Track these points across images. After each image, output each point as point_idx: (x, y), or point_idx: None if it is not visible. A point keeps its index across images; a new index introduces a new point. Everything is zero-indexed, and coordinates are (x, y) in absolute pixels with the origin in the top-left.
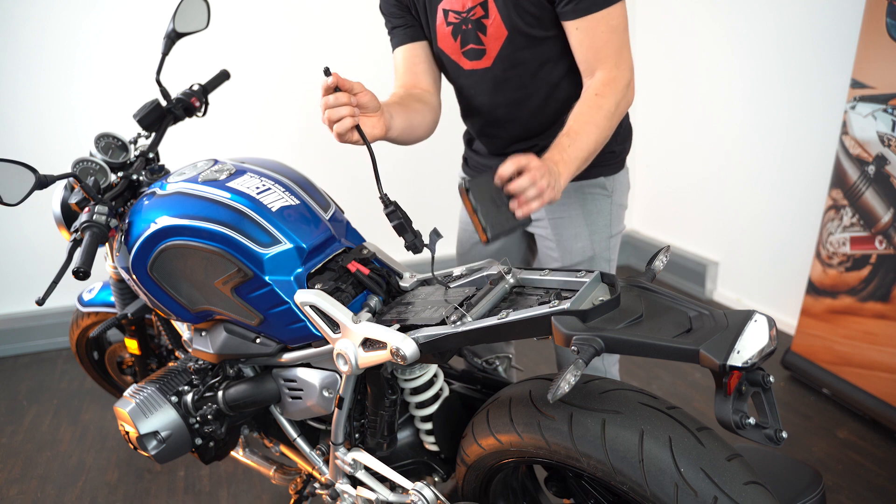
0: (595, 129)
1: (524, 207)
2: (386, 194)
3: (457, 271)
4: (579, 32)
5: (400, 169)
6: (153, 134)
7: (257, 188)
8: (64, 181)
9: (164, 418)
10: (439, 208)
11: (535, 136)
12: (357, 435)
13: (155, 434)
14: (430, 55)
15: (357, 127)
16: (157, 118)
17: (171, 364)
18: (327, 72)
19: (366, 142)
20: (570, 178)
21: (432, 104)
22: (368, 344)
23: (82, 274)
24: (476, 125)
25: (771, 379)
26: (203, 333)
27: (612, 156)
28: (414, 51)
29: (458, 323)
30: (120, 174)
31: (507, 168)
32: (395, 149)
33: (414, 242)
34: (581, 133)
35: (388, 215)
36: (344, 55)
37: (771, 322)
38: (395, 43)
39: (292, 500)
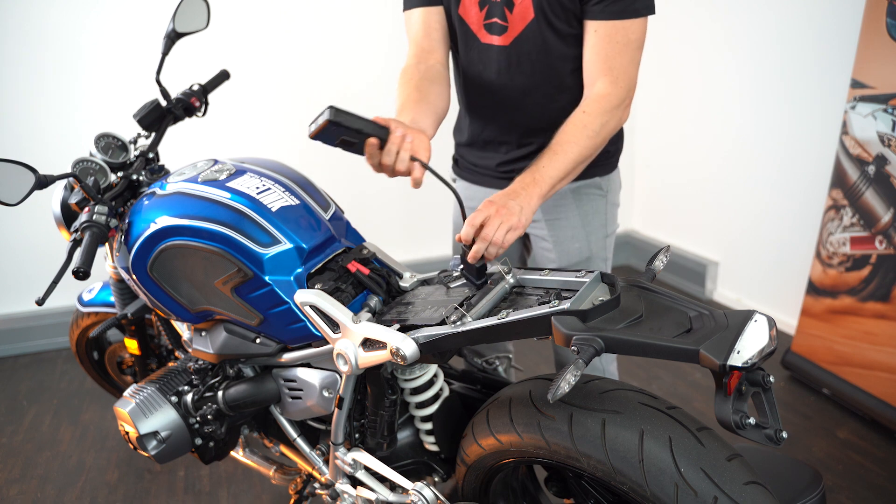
0: (576, 147)
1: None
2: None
3: (457, 272)
4: (596, 35)
5: None
6: (153, 134)
7: (257, 188)
8: (64, 181)
9: (164, 418)
10: (435, 208)
11: (530, 134)
12: (357, 435)
13: (155, 434)
14: (445, 22)
15: (425, 166)
16: (157, 118)
17: (171, 364)
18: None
19: (430, 170)
20: (543, 197)
21: (445, 78)
22: (368, 344)
23: (82, 274)
24: (476, 104)
25: (771, 379)
26: (203, 333)
27: (606, 156)
28: (431, 16)
29: (458, 323)
30: (120, 174)
31: (466, 232)
32: None
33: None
34: (560, 153)
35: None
36: (345, 54)
37: (771, 322)
38: (412, 3)
39: (292, 500)
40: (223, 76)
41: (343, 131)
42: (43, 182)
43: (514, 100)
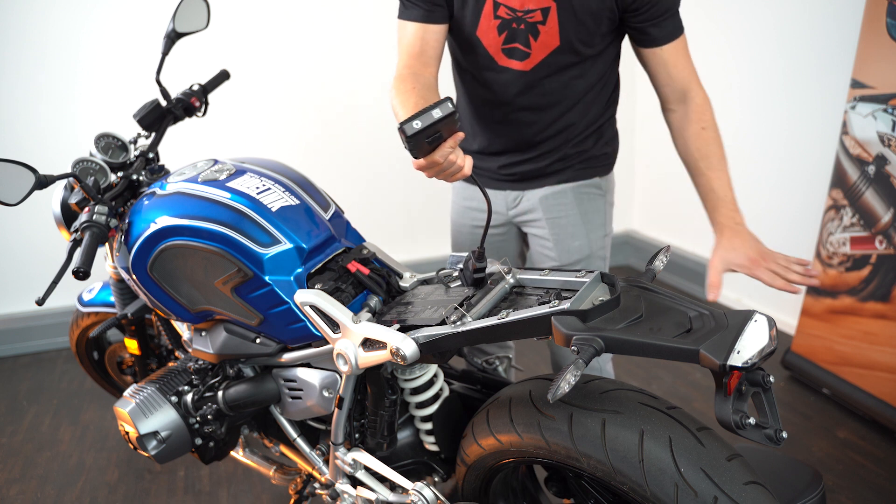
0: (724, 158)
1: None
2: (484, 248)
3: (456, 271)
4: (670, 57)
5: (395, 169)
6: (153, 134)
7: (257, 188)
8: (64, 181)
9: (164, 418)
10: (435, 208)
11: (536, 145)
12: (357, 435)
13: (155, 434)
14: (442, 41)
15: (474, 179)
16: (157, 118)
17: (171, 364)
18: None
19: (474, 178)
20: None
21: (437, 93)
22: (368, 344)
23: (82, 274)
24: (487, 119)
25: (771, 379)
26: (203, 333)
27: (605, 157)
28: (429, 34)
29: (458, 323)
30: (120, 174)
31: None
32: (387, 148)
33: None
34: (720, 169)
35: (480, 269)
36: (344, 53)
37: (771, 322)
38: (411, 16)
39: (292, 500)
40: (223, 76)
41: (447, 123)
42: (43, 182)
43: (528, 117)
